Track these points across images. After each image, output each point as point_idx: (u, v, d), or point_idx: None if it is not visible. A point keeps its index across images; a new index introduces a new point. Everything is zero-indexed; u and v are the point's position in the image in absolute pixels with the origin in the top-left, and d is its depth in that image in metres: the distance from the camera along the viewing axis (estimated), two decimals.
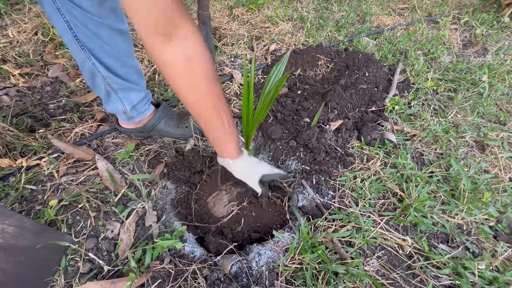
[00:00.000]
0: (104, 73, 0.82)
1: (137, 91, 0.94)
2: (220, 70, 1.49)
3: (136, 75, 0.92)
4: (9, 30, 1.49)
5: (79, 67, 0.84)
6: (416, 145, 1.13)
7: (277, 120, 1.18)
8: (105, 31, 0.76)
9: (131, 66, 0.89)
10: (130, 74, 0.89)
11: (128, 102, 0.93)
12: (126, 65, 0.86)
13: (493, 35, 1.93)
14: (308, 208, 0.89)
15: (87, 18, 0.71)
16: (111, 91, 0.88)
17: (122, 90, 0.89)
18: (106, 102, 0.94)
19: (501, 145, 1.14)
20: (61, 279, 0.70)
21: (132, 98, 0.93)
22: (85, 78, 0.87)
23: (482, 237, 0.86)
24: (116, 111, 0.96)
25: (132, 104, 0.94)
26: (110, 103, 0.93)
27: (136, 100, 0.94)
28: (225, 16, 1.94)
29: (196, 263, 0.74)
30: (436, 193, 0.95)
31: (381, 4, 2.33)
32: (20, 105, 1.16)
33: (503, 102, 1.40)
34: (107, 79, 0.84)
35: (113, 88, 0.87)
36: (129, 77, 0.89)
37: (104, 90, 0.89)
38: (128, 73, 0.88)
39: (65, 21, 0.70)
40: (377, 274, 0.75)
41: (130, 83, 0.90)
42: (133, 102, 0.94)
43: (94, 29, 0.74)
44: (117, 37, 0.80)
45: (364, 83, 1.30)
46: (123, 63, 0.85)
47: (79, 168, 0.96)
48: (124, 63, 0.86)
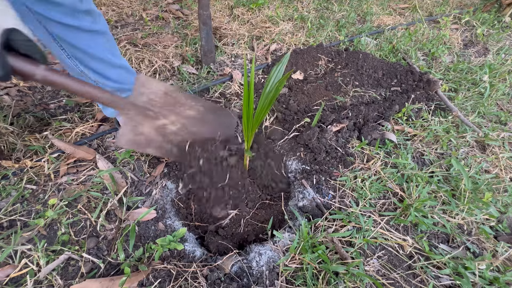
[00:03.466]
0: (93, 78, 0.83)
1: (129, 91, 0.94)
2: (220, 70, 1.49)
3: (126, 74, 0.92)
4: None
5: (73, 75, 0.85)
6: (417, 145, 1.13)
7: (277, 120, 1.18)
8: (84, 35, 0.77)
9: (119, 66, 0.89)
10: (121, 74, 0.89)
11: None
12: (114, 65, 0.86)
13: (494, 35, 1.92)
14: (309, 208, 0.89)
15: (65, 29, 0.72)
16: None
17: (116, 93, 0.89)
18: (103, 107, 0.94)
19: (502, 145, 1.14)
20: (60, 280, 0.70)
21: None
22: None
23: (483, 237, 0.86)
24: (115, 114, 0.97)
25: None
26: (107, 108, 0.93)
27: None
28: (226, 16, 1.94)
29: (196, 262, 0.74)
30: (437, 193, 0.95)
31: (381, 4, 2.33)
32: (21, 105, 1.16)
33: (504, 102, 1.39)
34: (98, 83, 0.84)
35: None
36: (120, 77, 0.89)
37: None
38: (119, 74, 0.88)
39: (50, 34, 0.72)
40: (377, 274, 0.75)
41: (122, 84, 0.90)
42: None
43: (72, 40, 0.75)
44: (98, 39, 0.80)
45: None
46: (111, 64, 0.85)
47: (79, 168, 0.96)
48: (112, 64, 0.86)
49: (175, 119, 0.85)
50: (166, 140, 0.85)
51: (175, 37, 1.68)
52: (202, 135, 0.90)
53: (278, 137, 1.11)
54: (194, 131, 0.88)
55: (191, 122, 0.88)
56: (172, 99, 0.84)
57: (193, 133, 0.88)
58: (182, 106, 0.86)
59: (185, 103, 0.87)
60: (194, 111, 0.88)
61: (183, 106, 0.86)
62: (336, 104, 1.28)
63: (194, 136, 0.89)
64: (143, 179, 0.95)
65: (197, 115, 0.89)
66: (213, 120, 0.93)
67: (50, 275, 0.70)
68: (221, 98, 1.31)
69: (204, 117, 0.90)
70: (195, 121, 0.89)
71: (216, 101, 1.30)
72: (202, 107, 0.90)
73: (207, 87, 1.35)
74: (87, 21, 0.75)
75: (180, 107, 0.85)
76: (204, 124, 0.90)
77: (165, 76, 1.41)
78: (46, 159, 0.95)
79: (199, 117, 0.89)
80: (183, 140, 0.87)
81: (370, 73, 1.44)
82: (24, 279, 0.69)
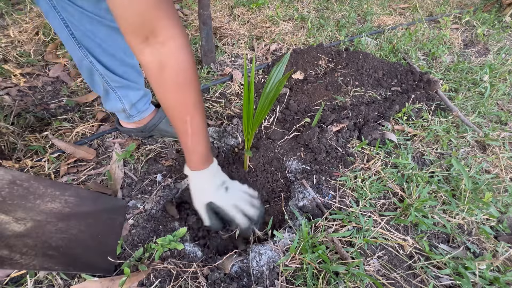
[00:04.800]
0: (102, 71, 0.82)
1: (135, 90, 0.93)
2: (220, 70, 1.49)
3: (135, 73, 0.92)
4: (10, 30, 1.49)
5: (77, 66, 0.84)
6: (417, 145, 1.13)
7: (277, 120, 1.18)
8: (103, 29, 0.75)
9: (130, 65, 0.88)
10: (129, 73, 0.89)
11: (127, 101, 0.92)
12: (124, 63, 0.86)
13: (495, 35, 1.92)
14: (309, 208, 0.89)
15: (84, 16, 0.70)
16: (110, 89, 0.87)
17: (121, 88, 0.89)
18: (105, 100, 0.93)
19: (502, 145, 1.14)
20: (59, 280, 0.70)
21: (131, 97, 0.92)
22: (83, 76, 0.87)
23: (483, 237, 0.86)
24: (115, 109, 0.96)
25: (131, 103, 0.94)
26: (109, 102, 0.93)
27: (135, 99, 0.94)
28: (226, 16, 1.94)
29: (196, 262, 0.74)
30: (437, 193, 0.95)
31: (382, 3, 2.33)
32: (21, 105, 1.16)
33: (504, 102, 1.39)
34: (105, 77, 0.83)
35: (111, 86, 0.87)
36: (128, 76, 0.89)
37: (102, 88, 0.88)
38: (126, 72, 0.88)
39: (61, 19, 0.69)
40: (377, 274, 0.75)
41: (128, 81, 0.89)
42: (132, 100, 0.93)
43: (91, 28, 0.73)
44: (115, 36, 0.79)
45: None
46: (122, 62, 0.85)
47: (80, 168, 0.96)
48: (123, 62, 0.85)
49: (24, 215, 0.61)
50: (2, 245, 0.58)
51: None
52: (72, 237, 0.65)
53: (278, 137, 1.11)
54: (57, 231, 0.63)
55: (53, 219, 0.64)
56: (22, 190, 0.62)
57: (57, 233, 0.63)
58: (39, 198, 0.63)
59: (44, 193, 0.64)
60: (59, 203, 0.65)
61: (40, 198, 0.63)
62: (336, 104, 1.28)
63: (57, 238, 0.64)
64: (143, 178, 0.95)
65: (64, 209, 0.65)
66: (91, 215, 0.69)
67: (50, 274, 0.70)
68: (221, 98, 1.31)
69: (81, 210, 0.67)
70: (61, 217, 0.65)
71: (216, 101, 1.30)
72: (74, 197, 0.67)
73: (207, 87, 1.35)
74: (107, 18, 0.74)
75: (35, 200, 0.62)
76: (79, 221, 0.67)
77: None
78: (47, 159, 0.95)
79: (67, 212, 0.65)
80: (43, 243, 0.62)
81: (370, 73, 1.44)
82: (24, 279, 0.69)
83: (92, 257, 0.68)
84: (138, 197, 0.89)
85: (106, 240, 0.71)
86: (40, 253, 0.60)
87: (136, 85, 0.93)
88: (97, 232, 0.70)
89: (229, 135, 1.10)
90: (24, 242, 0.59)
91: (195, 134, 0.68)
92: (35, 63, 1.38)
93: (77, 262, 0.65)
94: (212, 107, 1.27)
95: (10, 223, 0.59)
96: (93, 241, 0.68)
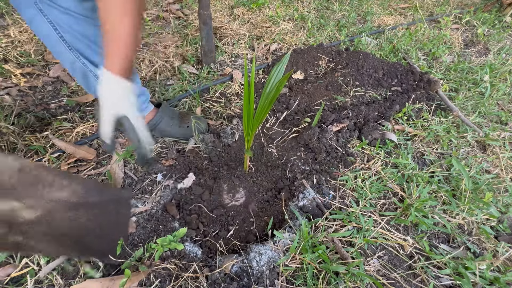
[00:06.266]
0: (95, 72, 0.81)
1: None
2: (221, 70, 1.49)
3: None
4: (11, 30, 1.49)
5: (69, 70, 0.83)
6: (417, 145, 1.13)
7: (277, 120, 1.18)
8: (91, 29, 0.75)
9: None
10: None
11: None
12: None
13: (495, 35, 1.92)
14: (309, 207, 0.89)
15: (70, 17, 0.70)
16: None
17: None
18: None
19: (503, 145, 1.13)
20: (60, 279, 0.70)
21: None
22: (77, 79, 0.85)
23: (483, 237, 0.86)
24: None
25: None
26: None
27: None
28: (226, 16, 1.94)
29: (197, 262, 0.74)
30: (437, 193, 0.95)
31: (382, 3, 2.33)
32: (21, 105, 1.16)
33: (504, 102, 1.39)
34: (99, 77, 0.83)
35: None
36: None
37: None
38: None
39: (49, 22, 0.69)
40: (377, 274, 0.75)
41: None
42: None
43: (78, 29, 0.73)
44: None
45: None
46: None
47: (80, 168, 0.96)
48: None
49: (35, 203, 0.61)
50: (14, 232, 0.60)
51: (175, 37, 1.68)
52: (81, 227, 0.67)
53: (278, 137, 1.11)
54: (67, 219, 0.65)
55: (62, 208, 0.65)
56: (32, 178, 0.62)
57: (67, 221, 0.65)
58: (48, 187, 0.63)
59: (53, 182, 0.64)
60: (67, 193, 0.66)
61: (49, 186, 0.63)
62: (336, 104, 1.28)
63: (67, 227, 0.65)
64: (143, 178, 0.95)
65: (72, 198, 0.66)
66: (98, 205, 0.71)
67: (51, 274, 0.71)
68: (222, 98, 1.31)
69: (88, 200, 0.68)
70: (70, 206, 0.66)
71: (216, 101, 1.30)
72: (81, 187, 0.68)
73: (208, 87, 1.35)
74: (94, 18, 0.73)
75: (44, 189, 0.63)
76: (87, 211, 0.68)
77: (166, 76, 1.41)
78: (47, 159, 0.95)
79: (75, 201, 0.66)
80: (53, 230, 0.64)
81: (371, 73, 1.44)
82: (25, 279, 0.69)
83: (103, 245, 0.72)
84: (138, 197, 0.89)
85: (113, 230, 0.74)
86: (54, 240, 0.64)
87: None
88: (105, 222, 0.73)
89: (229, 135, 1.10)
90: (36, 229, 0.62)
91: (129, 35, 0.62)
92: (36, 63, 1.38)
93: (89, 249, 0.69)
94: (212, 107, 1.27)
95: (22, 210, 0.60)
96: (101, 230, 0.71)
